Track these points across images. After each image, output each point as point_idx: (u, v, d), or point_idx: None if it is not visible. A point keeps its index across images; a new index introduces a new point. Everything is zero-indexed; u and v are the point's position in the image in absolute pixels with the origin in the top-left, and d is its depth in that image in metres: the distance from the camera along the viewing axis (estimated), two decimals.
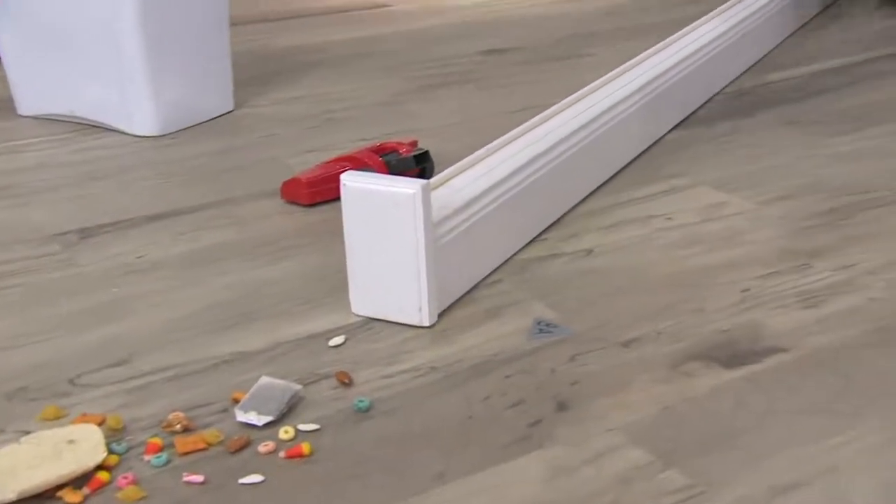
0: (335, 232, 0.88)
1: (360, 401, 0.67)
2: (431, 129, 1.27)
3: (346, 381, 0.70)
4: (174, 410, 0.67)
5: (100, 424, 0.65)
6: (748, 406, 0.66)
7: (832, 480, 0.58)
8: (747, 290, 0.81)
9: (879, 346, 0.72)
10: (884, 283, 0.81)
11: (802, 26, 1.66)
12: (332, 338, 0.77)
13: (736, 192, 1.01)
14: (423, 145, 1.11)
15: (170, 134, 1.27)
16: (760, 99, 1.31)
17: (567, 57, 1.60)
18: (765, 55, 1.50)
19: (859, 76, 1.37)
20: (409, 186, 0.75)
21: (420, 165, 1.06)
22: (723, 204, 0.99)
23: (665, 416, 0.65)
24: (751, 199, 0.99)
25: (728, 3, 1.49)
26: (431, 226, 0.76)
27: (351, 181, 0.77)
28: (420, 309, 0.78)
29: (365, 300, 0.80)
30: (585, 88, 1.10)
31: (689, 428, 0.64)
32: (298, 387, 0.68)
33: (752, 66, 1.45)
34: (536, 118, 1.01)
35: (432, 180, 0.84)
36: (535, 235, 0.94)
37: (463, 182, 0.86)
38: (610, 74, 1.15)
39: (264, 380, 0.69)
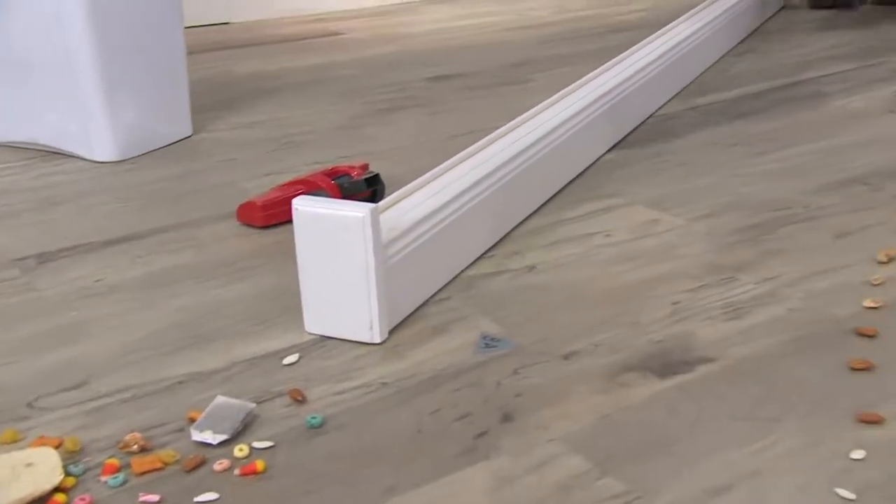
0: (289, 253, 0.87)
1: (313, 417, 0.66)
2: (384, 152, 1.27)
3: (299, 399, 0.69)
4: (131, 431, 0.65)
5: (57, 447, 0.63)
6: (679, 414, 0.66)
7: (756, 484, 0.58)
8: (678, 302, 0.82)
9: (797, 354, 0.73)
10: (801, 295, 0.82)
11: (727, 53, 1.70)
12: (285, 356, 0.75)
13: (667, 210, 1.02)
14: (376, 167, 1.10)
15: (129, 159, 1.25)
16: (688, 123, 1.33)
17: (510, 83, 1.60)
18: (692, 80, 1.53)
19: (777, 100, 1.40)
20: (358, 210, 0.74)
21: (371, 187, 1.05)
22: (655, 221, 1.00)
23: (603, 425, 0.66)
24: (681, 217, 1.00)
25: (658, 32, 1.51)
26: (381, 247, 0.76)
27: (303, 206, 0.76)
28: (371, 327, 0.77)
29: (318, 319, 0.79)
30: (527, 113, 1.11)
31: (625, 436, 0.64)
32: (253, 405, 0.67)
33: (681, 90, 1.47)
34: (481, 142, 1.01)
35: (381, 203, 0.83)
36: (481, 253, 0.94)
37: (411, 204, 0.86)
38: (550, 100, 1.16)
39: (219, 399, 0.67)
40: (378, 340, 0.77)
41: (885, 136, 1.21)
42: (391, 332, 0.79)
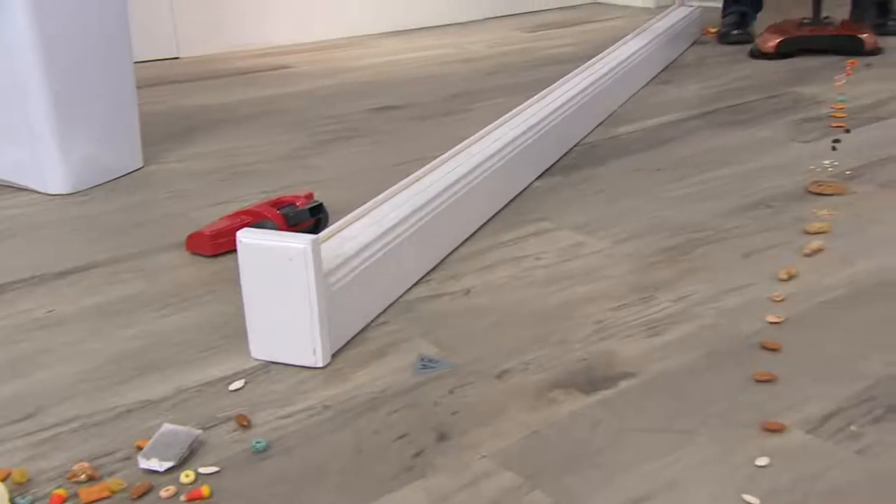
0: (236, 281, 0.86)
1: (258, 442, 0.65)
2: (329, 181, 1.26)
3: (244, 424, 0.68)
4: (79, 461, 0.63)
5: (4, 479, 0.61)
6: (603, 428, 0.67)
7: (672, 494, 0.59)
8: (602, 321, 0.83)
9: (709, 369, 0.74)
10: (713, 312, 0.84)
11: (647, 84, 1.73)
12: (231, 382, 0.74)
13: (592, 234, 1.04)
14: (321, 196, 1.10)
15: (81, 192, 1.22)
16: (611, 150, 1.35)
17: (450, 113, 1.61)
18: (615, 110, 1.55)
19: (692, 128, 1.43)
20: (300, 242, 0.73)
21: (315, 216, 1.04)
22: (582, 245, 1.01)
23: (532, 441, 0.66)
24: (605, 240, 1.02)
25: (583, 66, 1.54)
26: (322, 276, 0.75)
27: (246, 238, 0.75)
28: (314, 352, 0.76)
29: (263, 345, 0.78)
30: (461, 144, 1.12)
31: (553, 451, 0.65)
32: (199, 432, 0.66)
33: (605, 120, 1.50)
34: (419, 172, 1.02)
35: (323, 234, 0.83)
36: (420, 277, 0.94)
37: (352, 233, 0.86)
38: (483, 131, 1.17)
39: (166, 427, 0.66)
40: (321, 364, 0.76)
41: (787, 162, 1.25)
42: (334, 355, 0.78)
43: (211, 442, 0.66)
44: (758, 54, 1.93)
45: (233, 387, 0.74)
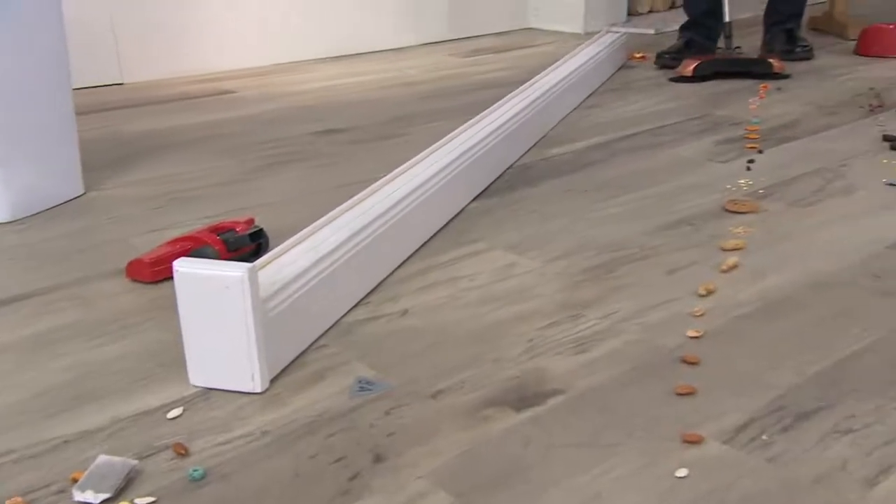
0: (175, 308, 0.84)
1: (195, 470, 0.64)
2: (270, 205, 1.24)
3: (182, 452, 0.67)
4: (12, 495, 0.61)
5: None
6: (533, 444, 0.67)
7: None
8: (533, 340, 0.84)
9: (634, 383, 0.76)
10: (637, 328, 0.85)
11: (576, 108, 1.76)
12: (169, 410, 0.72)
13: (524, 254, 1.05)
14: (262, 220, 1.08)
15: (20, 219, 1.18)
16: (543, 171, 1.37)
17: (389, 136, 1.61)
18: (546, 133, 1.58)
19: (619, 150, 1.46)
20: (236, 270, 0.72)
21: (255, 241, 1.03)
22: (514, 265, 1.02)
23: (466, 460, 0.66)
24: (536, 259, 1.03)
25: (517, 91, 1.56)
26: (259, 303, 0.74)
27: (183, 267, 0.74)
28: (252, 377, 0.75)
29: (202, 372, 0.76)
30: (401, 168, 1.12)
31: (485, 469, 0.65)
32: (135, 462, 0.64)
33: (537, 142, 1.52)
34: (357, 196, 1.01)
35: (260, 261, 0.81)
36: (358, 300, 0.93)
37: (290, 258, 0.85)
38: (420, 155, 1.17)
39: (101, 458, 0.64)
40: (260, 390, 0.75)
41: (706, 182, 1.28)
42: (273, 380, 0.77)
43: (148, 471, 0.64)
44: (678, 78, 1.98)
45: (171, 415, 0.72)
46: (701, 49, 2.10)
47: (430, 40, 2.73)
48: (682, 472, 0.63)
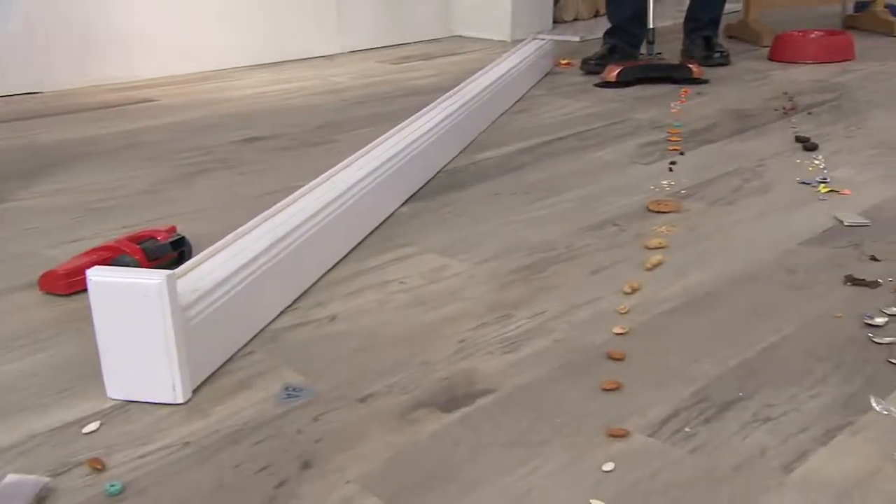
0: (90, 320, 0.81)
1: (112, 485, 0.61)
2: (192, 213, 1.21)
3: (98, 467, 0.64)
4: None
5: None
6: (462, 444, 0.67)
7: (528, 502, 0.60)
8: (463, 341, 0.84)
9: (562, 380, 0.76)
10: (566, 326, 0.86)
11: (503, 113, 1.78)
12: (86, 425, 0.69)
13: (454, 256, 1.05)
14: (185, 229, 1.05)
15: None
16: (471, 175, 1.37)
17: (316, 143, 1.60)
18: (474, 138, 1.59)
19: (545, 154, 1.48)
20: (154, 278, 0.70)
21: (178, 249, 1.00)
22: (444, 267, 1.02)
23: (395, 463, 0.65)
24: (466, 262, 1.03)
25: (444, 97, 1.56)
26: (179, 311, 0.72)
27: (97, 276, 0.71)
28: (174, 388, 0.73)
29: (119, 385, 0.73)
30: (326, 174, 1.10)
31: (414, 471, 0.64)
32: (47, 479, 0.61)
33: (465, 148, 1.53)
34: (281, 203, 1.00)
35: (180, 268, 0.79)
36: (286, 306, 0.91)
37: (211, 266, 0.82)
38: (347, 160, 1.16)
39: (10, 477, 0.61)
40: (181, 400, 0.73)
41: (629, 183, 1.31)
42: (196, 390, 0.75)
43: (62, 488, 0.62)
44: (602, 84, 2.03)
45: (87, 429, 0.69)
46: (624, 55, 2.15)
47: (359, 48, 2.72)
48: (608, 466, 0.64)
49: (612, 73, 2.02)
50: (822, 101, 1.82)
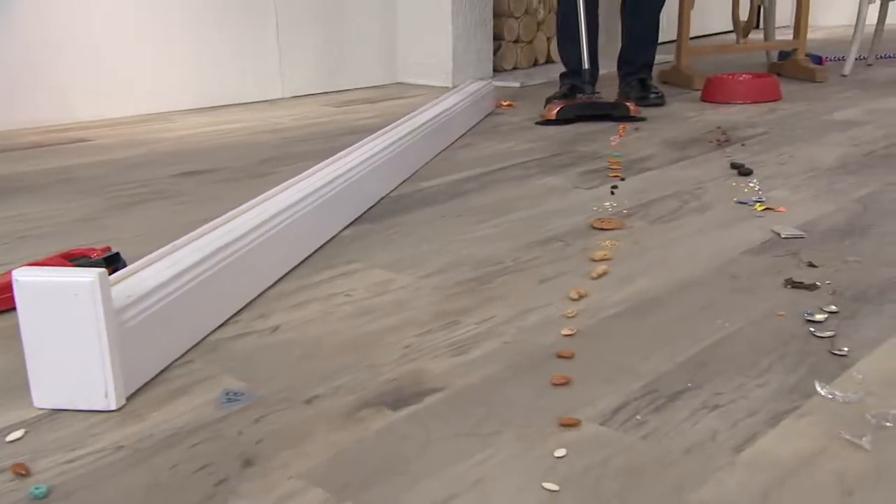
0: (17, 337, 0.77)
1: (37, 488, 0.58)
2: (129, 239, 1.18)
3: (22, 473, 0.60)
4: None
5: None
6: (411, 439, 0.66)
7: (479, 491, 0.59)
8: (409, 346, 0.83)
9: (513, 378, 0.76)
10: (515, 330, 0.86)
11: (446, 148, 1.81)
12: (9, 434, 0.66)
13: (401, 272, 1.04)
14: (121, 252, 1.02)
15: None
16: (416, 201, 1.38)
17: (255, 176, 1.59)
18: (417, 170, 1.60)
19: (490, 181, 1.50)
20: (86, 275, 0.68)
21: (112, 266, 0.97)
22: (390, 281, 1.01)
23: (341, 458, 0.63)
24: (412, 276, 1.03)
25: (383, 129, 1.58)
26: (113, 312, 0.70)
27: (24, 276, 0.68)
28: (106, 394, 0.69)
29: (47, 393, 0.70)
30: (265, 194, 1.09)
31: (361, 465, 0.62)
32: None
33: (409, 177, 1.54)
34: (219, 219, 0.98)
35: (117, 274, 0.77)
36: (227, 318, 0.89)
37: (148, 273, 0.80)
38: (284, 184, 1.15)
39: None
40: (114, 407, 0.70)
41: (574, 206, 1.33)
42: (130, 397, 0.72)
43: None
44: (543, 121, 2.08)
45: (10, 437, 0.65)
46: (560, 101, 2.22)
47: (300, 93, 2.74)
48: (560, 453, 0.63)
49: (553, 111, 2.07)
50: (753, 134, 1.90)
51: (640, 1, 2.34)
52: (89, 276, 0.67)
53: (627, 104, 2.10)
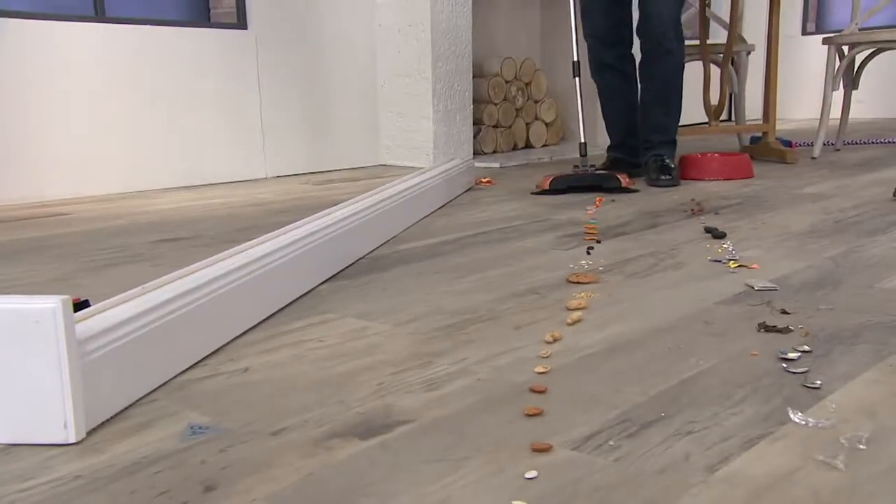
0: None
1: None
2: (100, 297, 1.18)
3: None
4: None
5: None
6: (380, 464, 0.65)
7: None
8: (382, 383, 0.82)
9: (486, 410, 0.75)
10: (489, 369, 0.86)
11: (424, 217, 1.83)
12: None
13: (376, 320, 1.04)
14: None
15: None
16: (394, 260, 1.39)
17: (236, 241, 1.59)
18: (395, 235, 1.62)
19: (469, 243, 1.52)
20: (47, 302, 0.67)
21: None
22: (365, 328, 1.01)
23: (306, 482, 0.62)
24: (387, 324, 1.03)
25: (362, 195, 1.60)
26: (76, 340, 0.69)
27: None
28: (65, 425, 0.68)
29: (3, 425, 0.68)
30: (238, 247, 1.10)
31: (327, 488, 0.61)
32: None
33: (387, 241, 1.56)
34: (192, 266, 0.99)
35: (81, 312, 0.77)
36: (195, 361, 0.88)
37: (115, 311, 0.80)
38: (259, 238, 1.16)
39: None
40: (73, 440, 0.68)
41: (550, 263, 1.35)
42: (90, 432, 0.70)
43: None
44: (538, 192, 2.15)
45: None
46: (624, 165, 2.38)
47: (284, 173, 2.79)
48: (531, 474, 0.62)
49: (546, 181, 2.15)
50: (727, 204, 1.94)
51: (650, 64, 2.32)
52: (51, 303, 0.67)
53: (619, 176, 2.15)
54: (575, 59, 2.24)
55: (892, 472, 0.61)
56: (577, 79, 2.25)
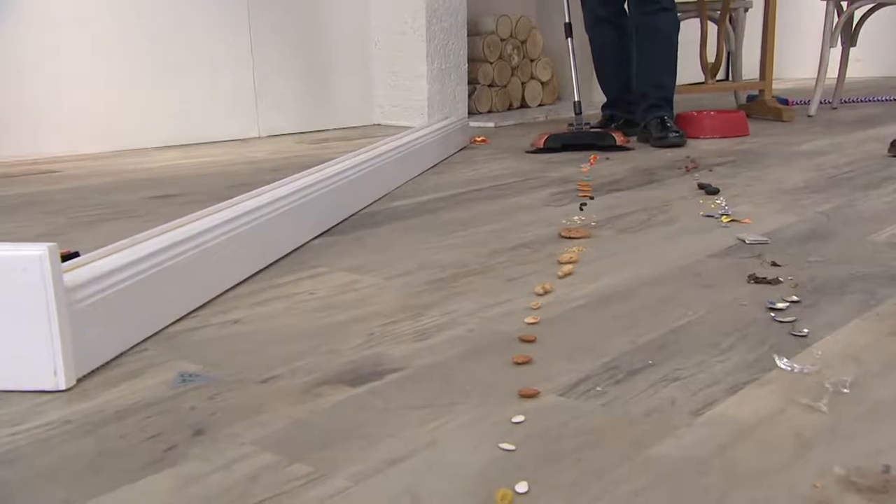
0: None
1: None
2: (90, 251, 1.17)
3: None
4: None
5: None
6: (369, 409, 0.65)
7: (433, 451, 0.58)
8: (372, 334, 0.83)
9: (472, 359, 0.76)
10: (478, 320, 0.86)
11: (418, 175, 1.83)
12: None
13: (367, 274, 1.04)
14: None
15: None
16: (386, 217, 1.39)
17: (228, 197, 1.58)
18: (388, 192, 1.61)
19: (462, 200, 1.52)
20: (34, 249, 0.67)
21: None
22: (356, 281, 1.01)
23: (294, 427, 0.62)
24: (378, 277, 1.03)
25: (356, 151, 1.60)
26: (63, 287, 0.69)
27: None
28: (55, 373, 0.68)
29: None
30: (230, 200, 1.10)
31: (315, 431, 0.62)
32: None
33: (381, 198, 1.55)
34: (183, 218, 0.98)
35: (70, 262, 0.77)
36: (185, 313, 0.88)
37: (104, 261, 0.80)
38: (252, 192, 1.16)
39: None
40: (63, 387, 0.69)
41: (542, 219, 1.35)
42: (80, 379, 0.71)
43: None
44: (532, 150, 2.13)
45: None
46: (620, 122, 2.40)
47: (276, 132, 2.77)
48: (519, 419, 0.63)
49: (540, 140, 2.13)
50: (721, 162, 1.94)
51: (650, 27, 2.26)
52: (39, 250, 0.67)
53: (614, 134, 2.14)
54: (567, 20, 2.22)
55: (873, 413, 0.62)
56: (569, 40, 2.22)
